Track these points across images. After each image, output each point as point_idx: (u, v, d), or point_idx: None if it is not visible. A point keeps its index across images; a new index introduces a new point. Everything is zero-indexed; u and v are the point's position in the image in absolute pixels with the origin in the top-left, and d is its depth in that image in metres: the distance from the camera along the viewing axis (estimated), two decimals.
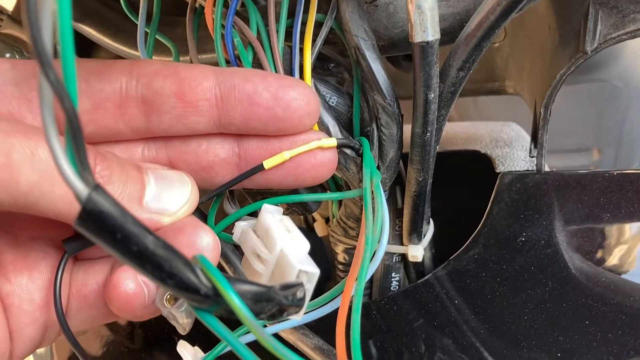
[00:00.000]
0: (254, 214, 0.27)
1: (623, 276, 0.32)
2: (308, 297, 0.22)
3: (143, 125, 0.25)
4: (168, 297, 0.23)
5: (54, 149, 0.15)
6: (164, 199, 0.23)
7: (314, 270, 0.22)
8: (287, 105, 0.25)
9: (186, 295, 0.18)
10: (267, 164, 0.26)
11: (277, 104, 0.25)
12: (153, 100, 0.24)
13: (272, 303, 0.19)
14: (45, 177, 0.20)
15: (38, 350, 0.48)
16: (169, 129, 0.26)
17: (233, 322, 0.20)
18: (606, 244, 0.33)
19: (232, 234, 0.27)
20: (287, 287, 0.19)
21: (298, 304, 0.20)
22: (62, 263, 0.24)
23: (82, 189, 0.16)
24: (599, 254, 0.33)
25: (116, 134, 0.25)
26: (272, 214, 0.25)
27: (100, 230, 0.16)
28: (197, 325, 0.44)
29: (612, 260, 0.33)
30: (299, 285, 0.20)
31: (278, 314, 0.20)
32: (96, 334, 0.44)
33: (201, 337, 0.42)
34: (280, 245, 0.23)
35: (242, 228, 0.26)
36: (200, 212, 0.28)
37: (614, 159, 1.07)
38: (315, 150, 0.27)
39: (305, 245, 0.23)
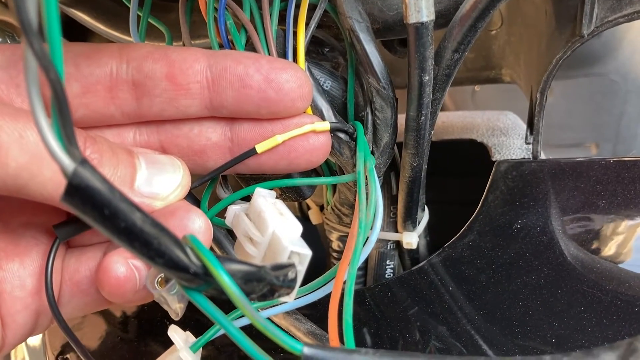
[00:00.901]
0: (247, 199, 0.27)
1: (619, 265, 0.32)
2: (300, 279, 0.21)
3: (134, 109, 0.25)
4: (160, 279, 0.23)
5: (40, 122, 0.15)
6: (155, 183, 0.23)
7: (306, 252, 0.22)
8: (279, 88, 0.25)
9: (175, 274, 0.18)
10: (260, 148, 0.26)
11: (269, 86, 0.25)
12: (144, 83, 0.24)
13: (263, 283, 0.19)
14: (35, 159, 0.19)
15: (31, 342, 0.48)
16: (160, 113, 0.25)
17: (226, 306, 0.20)
18: (602, 231, 0.33)
19: (225, 218, 0.27)
20: (278, 267, 0.19)
21: (289, 285, 0.20)
22: (53, 249, 0.24)
23: (69, 163, 0.15)
24: (595, 241, 0.33)
25: (107, 118, 0.25)
26: (264, 198, 0.25)
27: (87, 206, 0.16)
28: (190, 312, 0.44)
29: (609, 250, 0.33)
30: (291, 266, 0.20)
31: (269, 295, 0.19)
32: (90, 324, 0.44)
33: (193, 324, 0.42)
34: (272, 227, 0.23)
35: (234, 212, 0.26)
36: (193, 197, 0.28)
37: (611, 153, 1.07)
38: (308, 134, 0.27)
39: (298, 227, 0.23)
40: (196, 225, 0.24)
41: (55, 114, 0.15)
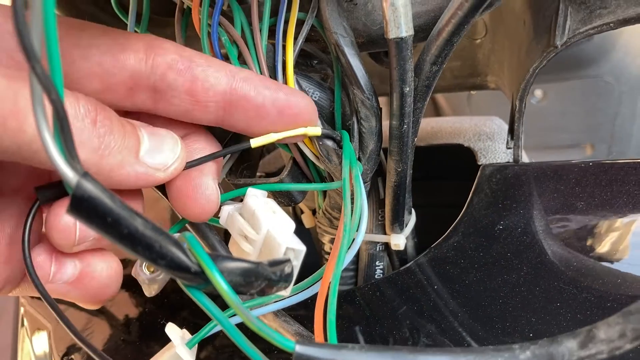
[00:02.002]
0: (236, 200, 0.29)
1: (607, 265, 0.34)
2: (295, 273, 0.23)
3: (149, 109, 0.26)
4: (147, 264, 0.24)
5: (45, 139, 0.17)
6: (157, 155, 0.24)
7: (300, 247, 0.23)
8: (290, 122, 0.27)
9: (177, 275, 0.19)
10: (255, 142, 0.27)
11: (281, 120, 0.27)
12: (165, 91, 0.25)
13: (261, 279, 0.20)
14: (13, 112, 0.19)
15: (37, 352, 0.49)
16: (171, 115, 0.26)
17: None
18: (581, 231, 0.35)
19: (219, 217, 0.28)
20: (275, 263, 0.20)
21: (286, 279, 0.21)
22: (32, 211, 0.24)
23: (72, 176, 0.17)
24: (574, 240, 0.34)
25: (118, 109, 0.25)
26: (256, 197, 0.26)
27: (92, 215, 0.17)
28: (187, 310, 0.45)
29: (587, 248, 0.34)
30: (287, 261, 0.21)
31: (267, 290, 0.20)
32: (93, 326, 0.46)
33: (192, 325, 0.43)
34: (266, 226, 0.24)
35: (228, 212, 0.27)
36: None
37: (607, 153, 1.09)
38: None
39: (291, 224, 0.24)
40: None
41: (57, 131, 0.17)
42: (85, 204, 0.17)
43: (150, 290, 0.25)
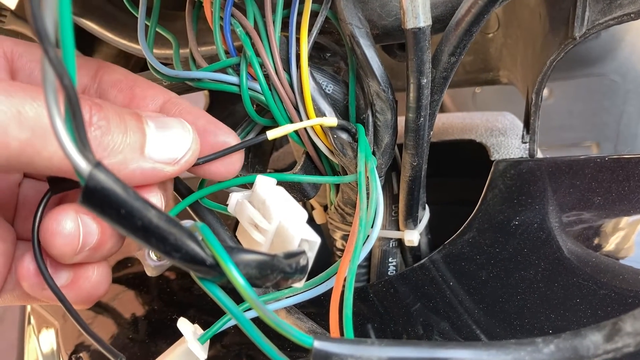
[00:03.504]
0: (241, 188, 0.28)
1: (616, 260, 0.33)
2: (310, 265, 0.22)
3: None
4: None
5: (57, 127, 0.16)
6: (166, 148, 0.23)
7: (315, 239, 0.22)
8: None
9: (192, 267, 0.18)
10: (271, 134, 0.27)
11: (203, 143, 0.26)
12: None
13: (276, 272, 0.19)
14: (37, 134, 0.19)
15: (44, 350, 0.49)
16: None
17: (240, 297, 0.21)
18: (598, 227, 0.34)
19: (227, 205, 0.27)
20: (290, 255, 0.20)
21: (301, 272, 0.20)
22: (44, 200, 0.23)
23: (85, 166, 0.16)
24: (591, 236, 0.34)
25: None
26: (267, 185, 0.26)
27: (105, 207, 0.17)
28: (195, 308, 0.44)
29: (605, 244, 0.34)
30: (302, 253, 0.20)
31: (282, 282, 0.20)
32: (100, 324, 0.45)
33: (203, 322, 0.43)
34: (279, 216, 0.23)
35: (237, 199, 0.27)
36: (185, 186, 0.29)
37: (612, 152, 1.08)
38: None
39: (303, 214, 0.23)
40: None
41: (68, 117, 0.16)
42: (98, 195, 0.16)
43: (153, 272, 0.25)
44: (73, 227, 0.21)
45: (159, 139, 0.23)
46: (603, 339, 0.19)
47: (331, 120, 0.28)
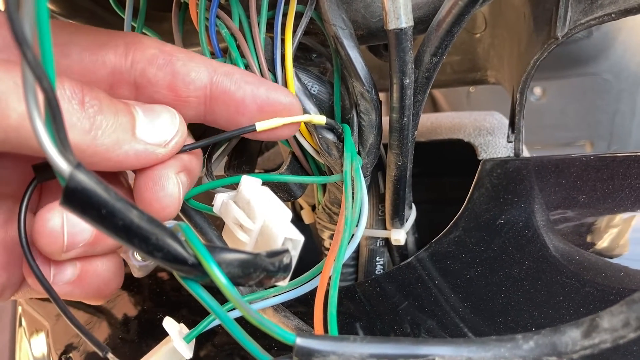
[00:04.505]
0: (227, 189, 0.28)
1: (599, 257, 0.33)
2: (294, 264, 0.22)
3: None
4: None
5: (37, 129, 0.16)
6: (155, 130, 0.23)
7: (298, 237, 0.23)
8: (271, 115, 0.26)
9: (174, 267, 0.18)
10: (260, 126, 0.27)
11: (261, 116, 0.26)
12: (145, 87, 0.25)
13: (259, 270, 0.19)
14: None
15: (35, 353, 0.49)
16: None
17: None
18: (582, 225, 0.34)
19: (212, 205, 0.27)
20: (273, 254, 0.20)
21: (285, 270, 0.20)
22: (28, 190, 0.23)
23: (65, 167, 0.16)
24: (575, 234, 0.34)
25: None
26: (251, 185, 0.26)
27: (86, 207, 0.17)
28: (186, 308, 0.45)
29: (589, 241, 0.34)
30: (285, 252, 0.20)
31: (266, 281, 0.20)
32: (90, 325, 0.45)
33: (191, 322, 0.43)
34: (263, 215, 0.23)
35: (222, 199, 0.27)
36: None
37: (606, 151, 1.09)
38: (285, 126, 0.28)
39: (287, 213, 0.24)
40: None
41: (48, 120, 0.16)
42: (79, 196, 0.16)
43: (139, 273, 0.25)
44: (56, 225, 0.22)
45: (147, 122, 0.23)
46: (581, 335, 0.19)
47: (319, 118, 0.28)
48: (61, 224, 0.22)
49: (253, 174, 0.28)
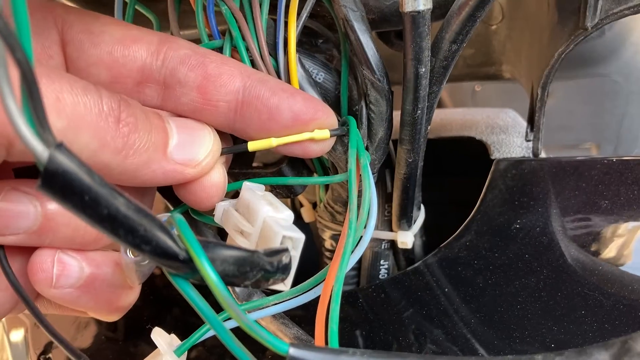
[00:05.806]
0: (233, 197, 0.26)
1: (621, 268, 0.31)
2: (294, 264, 0.21)
3: (156, 105, 0.24)
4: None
5: (9, 106, 0.14)
6: (187, 149, 0.22)
7: (299, 236, 0.21)
8: (305, 127, 0.25)
9: (163, 262, 0.17)
10: (252, 146, 0.25)
11: (295, 124, 0.24)
12: (174, 87, 0.24)
13: (256, 269, 0.18)
14: (72, 123, 0.18)
15: (13, 339, 0.47)
16: (179, 113, 0.25)
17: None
18: (604, 233, 0.32)
19: (213, 215, 0.25)
20: (272, 252, 0.18)
21: (284, 270, 0.18)
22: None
23: (42, 149, 0.14)
24: (596, 243, 0.32)
25: None
26: (253, 191, 0.24)
27: (67, 193, 0.15)
28: (177, 307, 0.42)
29: (610, 252, 0.32)
30: (284, 250, 0.19)
31: (263, 281, 0.18)
32: (76, 324, 0.43)
33: (182, 327, 0.41)
34: (262, 216, 0.22)
35: (223, 208, 0.25)
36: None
37: (612, 154, 1.07)
38: (305, 142, 0.25)
39: (289, 215, 0.22)
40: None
41: (25, 97, 0.14)
42: (59, 179, 0.14)
43: (133, 279, 0.22)
44: (48, 267, 0.21)
45: (181, 140, 0.22)
46: (610, 359, 0.16)
47: (322, 133, 0.25)
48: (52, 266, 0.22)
49: (253, 180, 0.26)
